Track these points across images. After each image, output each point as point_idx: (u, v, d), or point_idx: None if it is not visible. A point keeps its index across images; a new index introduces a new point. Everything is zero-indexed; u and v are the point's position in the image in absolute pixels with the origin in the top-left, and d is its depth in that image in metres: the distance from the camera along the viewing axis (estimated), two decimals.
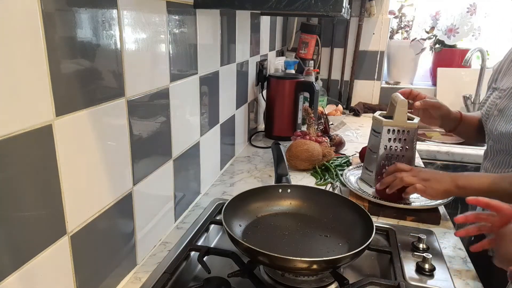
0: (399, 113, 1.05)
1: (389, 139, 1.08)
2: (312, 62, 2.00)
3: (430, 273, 0.79)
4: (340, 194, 1.03)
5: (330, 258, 0.71)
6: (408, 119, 1.07)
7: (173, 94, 0.87)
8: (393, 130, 1.07)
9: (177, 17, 0.86)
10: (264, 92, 1.71)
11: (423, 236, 0.88)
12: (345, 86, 2.28)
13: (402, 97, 1.06)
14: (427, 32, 2.26)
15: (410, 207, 1.03)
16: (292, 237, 0.84)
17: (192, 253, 0.83)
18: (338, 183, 1.23)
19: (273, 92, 1.64)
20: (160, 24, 0.80)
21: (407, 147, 1.08)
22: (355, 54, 2.20)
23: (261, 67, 1.63)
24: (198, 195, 1.12)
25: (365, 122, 2.02)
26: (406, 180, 0.97)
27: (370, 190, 1.11)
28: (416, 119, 1.08)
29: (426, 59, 2.35)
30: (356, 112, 2.15)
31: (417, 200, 1.06)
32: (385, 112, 1.14)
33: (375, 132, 1.11)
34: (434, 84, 2.23)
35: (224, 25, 1.16)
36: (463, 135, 1.28)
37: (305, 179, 1.27)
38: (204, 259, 0.79)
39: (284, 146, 1.29)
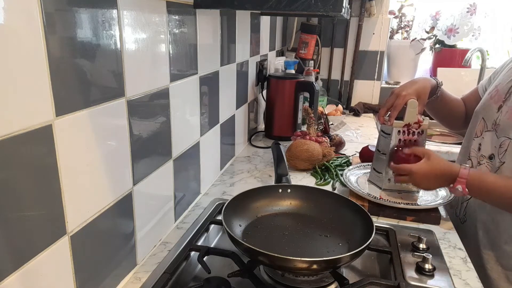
0: (409, 114, 1.05)
1: (399, 140, 1.08)
2: (312, 62, 2.00)
3: (430, 273, 0.79)
4: (340, 194, 1.03)
5: (330, 258, 0.71)
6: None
7: (173, 94, 0.87)
8: (403, 131, 1.07)
9: (177, 17, 0.86)
10: (264, 92, 1.71)
11: (423, 236, 0.88)
12: (345, 86, 2.29)
13: (412, 98, 1.04)
14: (427, 32, 2.26)
15: (410, 207, 1.03)
16: (292, 237, 0.84)
17: (192, 253, 0.83)
18: (338, 183, 1.23)
19: (273, 92, 1.64)
20: (160, 24, 0.80)
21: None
22: (355, 54, 2.20)
23: (261, 67, 1.63)
24: (198, 195, 1.12)
25: (365, 122, 2.02)
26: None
27: (378, 193, 1.09)
28: (426, 120, 1.07)
29: (426, 59, 2.35)
30: (356, 112, 2.15)
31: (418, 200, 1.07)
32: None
33: (385, 133, 1.10)
34: None
35: (224, 25, 1.16)
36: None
37: (305, 179, 1.27)
38: (204, 259, 0.79)
39: (284, 146, 1.29)
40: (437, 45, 2.24)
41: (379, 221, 1.00)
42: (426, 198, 1.09)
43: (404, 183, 1.09)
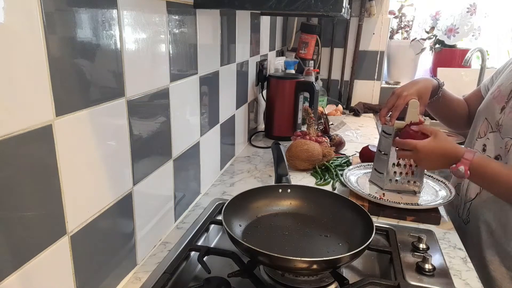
0: (410, 114, 1.04)
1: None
2: (312, 62, 2.00)
3: (430, 273, 0.79)
4: (340, 194, 1.03)
5: (330, 258, 0.71)
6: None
7: (173, 94, 0.87)
8: None
9: (177, 17, 0.86)
10: (264, 92, 1.71)
11: (423, 236, 0.88)
12: (345, 86, 2.29)
13: (414, 99, 1.04)
14: (427, 32, 2.26)
15: (410, 207, 1.03)
16: (292, 237, 0.84)
17: (192, 253, 0.83)
18: (338, 183, 1.23)
19: (273, 92, 1.64)
20: (160, 24, 0.80)
21: None
22: (355, 54, 2.20)
23: (261, 67, 1.63)
24: (198, 195, 1.12)
25: (365, 122, 2.02)
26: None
27: (378, 193, 1.09)
28: (427, 120, 1.06)
29: (426, 59, 2.35)
30: (356, 112, 2.15)
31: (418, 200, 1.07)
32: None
33: (386, 133, 1.10)
34: None
35: (224, 25, 1.16)
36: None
37: (305, 179, 1.27)
38: (204, 259, 0.79)
39: (284, 146, 1.29)
40: (437, 45, 2.24)
41: (379, 221, 1.00)
42: (426, 198, 1.09)
43: (406, 158, 1.06)
